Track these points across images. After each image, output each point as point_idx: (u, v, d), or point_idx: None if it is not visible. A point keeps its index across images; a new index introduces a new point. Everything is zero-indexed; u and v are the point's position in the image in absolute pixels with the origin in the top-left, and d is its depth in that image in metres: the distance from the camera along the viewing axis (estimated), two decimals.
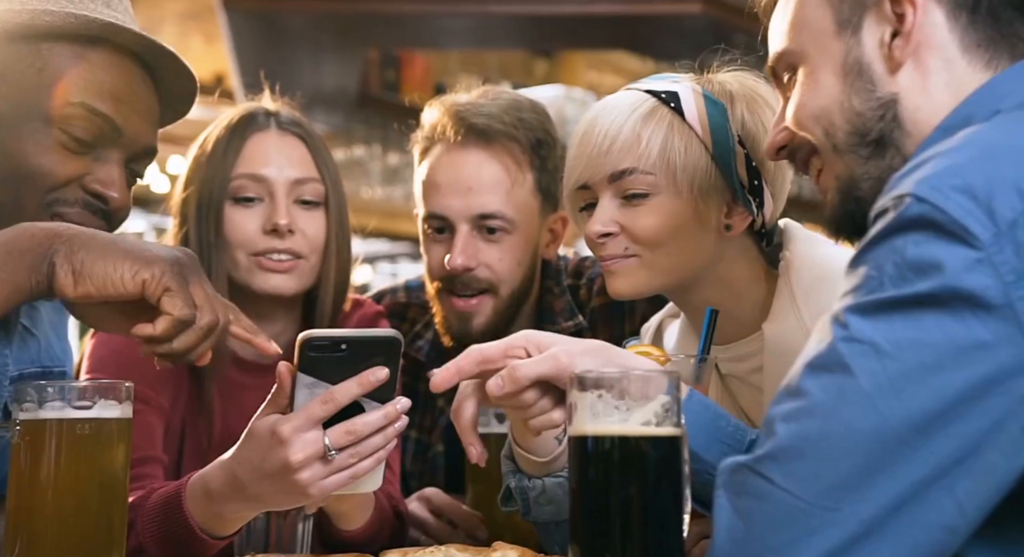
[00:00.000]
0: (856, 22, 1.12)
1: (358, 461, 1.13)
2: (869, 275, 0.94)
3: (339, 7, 4.24)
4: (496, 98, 1.84)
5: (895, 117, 1.10)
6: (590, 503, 1.03)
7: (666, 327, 1.63)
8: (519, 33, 4.80)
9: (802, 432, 0.93)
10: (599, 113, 1.50)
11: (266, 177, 1.66)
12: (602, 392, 1.03)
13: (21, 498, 1.08)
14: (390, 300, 2.01)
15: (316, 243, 1.68)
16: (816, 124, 1.15)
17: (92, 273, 1.07)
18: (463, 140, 1.79)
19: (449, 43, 5.04)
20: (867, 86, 1.11)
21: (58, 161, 1.30)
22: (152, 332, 1.10)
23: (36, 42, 1.31)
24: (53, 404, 1.08)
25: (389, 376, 1.14)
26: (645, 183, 1.46)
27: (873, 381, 0.91)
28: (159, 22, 7.66)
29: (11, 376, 1.39)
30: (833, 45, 1.13)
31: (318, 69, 4.66)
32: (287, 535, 1.40)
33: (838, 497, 0.91)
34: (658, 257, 1.46)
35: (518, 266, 1.82)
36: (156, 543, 1.27)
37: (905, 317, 0.91)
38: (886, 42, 1.10)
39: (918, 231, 0.92)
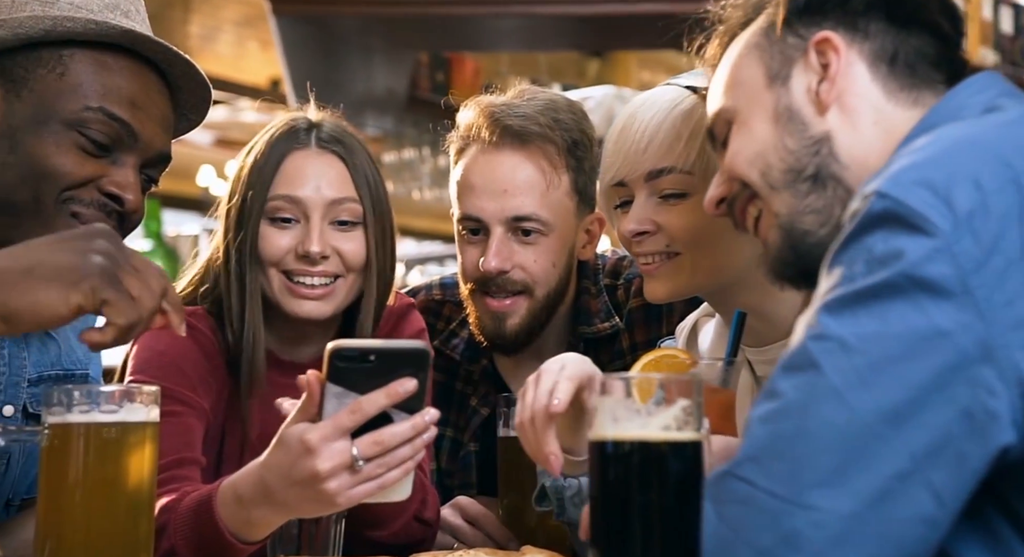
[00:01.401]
0: (785, 74, 1.19)
1: (386, 471, 1.14)
2: (842, 274, 0.96)
3: (388, 10, 4.26)
4: (532, 99, 1.83)
5: (831, 152, 1.15)
6: (610, 508, 1.02)
7: (701, 327, 1.61)
8: (568, 34, 4.78)
9: (778, 432, 0.95)
10: (637, 109, 1.49)
11: (301, 199, 1.64)
12: (622, 396, 1.02)
13: (50, 501, 1.10)
14: (425, 297, 2.01)
15: (354, 262, 1.66)
16: (752, 167, 1.19)
17: (20, 312, 1.05)
18: (498, 141, 1.79)
19: (498, 45, 5.04)
20: (799, 127, 1.17)
21: (76, 162, 1.34)
22: (102, 340, 1.08)
23: (58, 48, 1.36)
24: (81, 408, 1.09)
25: (417, 387, 1.14)
26: (683, 183, 1.44)
27: (841, 376, 0.93)
28: (215, 30, 7.78)
29: (30, 378, 1.42)
30: (764, 96, 1.19)
31: (368, 72, 4.69)
32: (319, 537, 1.41)
33: (817, 495, 0.92)
34: (699, 258, 1.45)
35: (553, 268, 1.81)
36: (187, 546, 1.29)
37: (869, 311, 0.93)
38: (813, 88, 1.17)
39: (884, 227, 0.95)
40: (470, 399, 1.92)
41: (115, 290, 1.07)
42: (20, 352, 1.41)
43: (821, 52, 1.17)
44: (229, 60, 7.82)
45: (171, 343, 1.59)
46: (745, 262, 1.45)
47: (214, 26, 7.82)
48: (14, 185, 1.32)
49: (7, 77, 1.35)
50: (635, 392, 1.02)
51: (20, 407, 1.41)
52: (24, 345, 1.42)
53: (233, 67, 7.79)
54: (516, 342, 1.83)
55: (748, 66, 1.22)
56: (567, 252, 1.83)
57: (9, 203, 1.33)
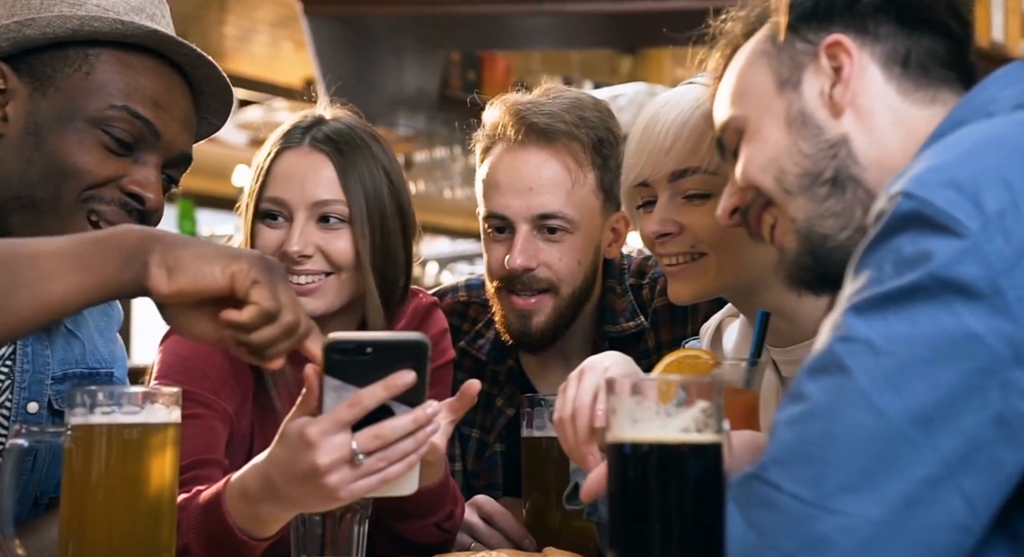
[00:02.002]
0: (796, 79, 1.17)
1: (388, 465, 1.13)
2: (870, 276, 0.95)
3: (420, 10, 4.27)
4: (557, 97, 1.83)
5: (849, 154, 1.13)
6: (628, 511, 1.01)
7: (725, 327, 1.60)
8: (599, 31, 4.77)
9: (805, 435, 0.93)
10: (660, 108, 1.47)
11: (286, 201, 1.65)
12: (640, 397, 1.01)
13: (72, 502, 1.10)
14: (451, 299, 2.01)
15: (340, 261, 1.65)
16: (765, 174, 1.17)
17: (184, 269, 1.09)
18: (523, 139, 1.79)
19: (529, 43, 5.04)
20: (813, 131, 1.15)
21: (98, 160, 1.36)
22: (238, 318, 1.11)
23: (84, 48, 1.38)
24: (103, 409, 1.10)
25: (417, 380, 1.13)
26: (707, 183, 1.43)
27: (870, 379, 0.91)
28: (250, 31, 7.84)
29: (55, 375, 1.44)
30: (775, 103, 1.18)
31: (400, 72, 4.70)
32: (342, 538, 1.41)
33: (845, 500, 0.90)
34: (723, 258, 1.43)
35: (579, 266, 1.81)
36: (200, 544, 1.29)
37: (898, 312, 0.92)
38: (826, 92, 1.15)
39: (912, 228, 0.93)
40: (496, 400, 1.92)
41: (268, 278, 1.11)
42: (43, 350, 1.43)
43: (832, 55, 1.15)
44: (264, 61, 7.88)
45: (194, 348, 1.61)
46: (769, 262, 1.43)
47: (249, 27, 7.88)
48: (37, 182, 1.34)
49: (34, 75, 1.37)
50: (654, 393, 1.02)
51: (45, 404, 1.43)
52: (48, 343, 1.44)
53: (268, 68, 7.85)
54: (542, 340, 1.82)
55: (756, 74, 1.21)
56: (593, 250, 1.83)
57: (31, 200, 1.35)
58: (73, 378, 1.48)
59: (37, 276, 1.09)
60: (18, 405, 1.41)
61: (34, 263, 1.10)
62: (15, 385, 1.41)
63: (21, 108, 1.36)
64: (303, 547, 1.39)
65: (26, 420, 1.41)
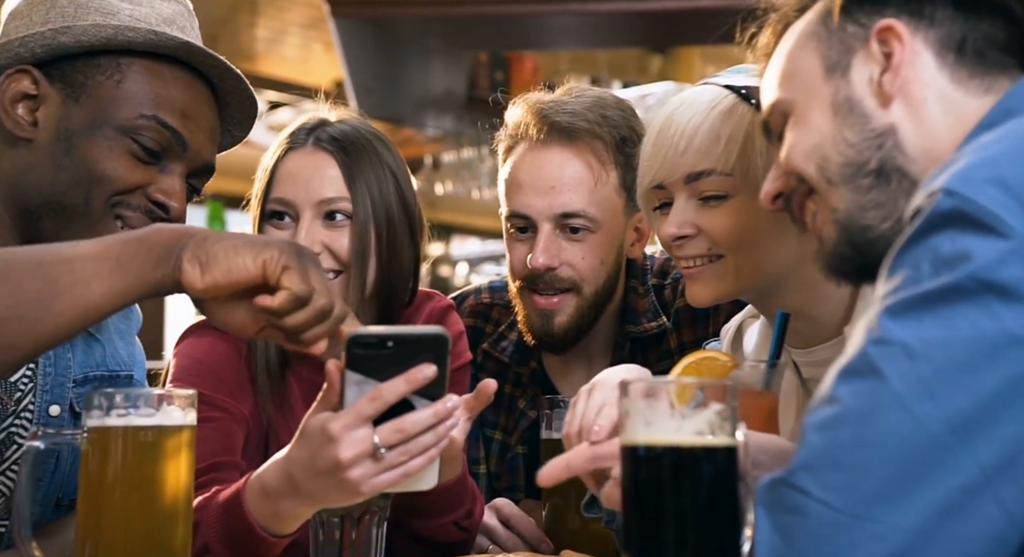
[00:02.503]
0: (845, 64, 1.13)
1: (409, 459, 1.13)
2: (906, 276, 0.92)
3: (447, 10, 4.27)
4: (579, 96, 1.82)
5: (896, 145, 1.09)
6: (642, 513, 1.00)
7: (746, 329, 1.58)
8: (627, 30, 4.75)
9: (836, 440, 0.90)
10: (675, 110, 1.46)
11: (292, 201, 1.65)
12: (654, 400, 1.00)
13: (89, 504, 1.11)
14: (473, 301, 2.01)
15: (347, 258, 1.65)
16: (808, 161, 1.14)
17: (217, 262, 1.11)
18: (546, 138, 1.78)
19: (557, 43, 5.03)
20: (859, 120, 1.11)
21: (126, 168, 1.38)
22: (270, 303, 1.12)
23: (117, 57, 1.40)
24: (119, 411, 1.10)
25: (437, 373, 1.12)
26: (723, 185, 1.41)
27: (905, 384, 0.88)
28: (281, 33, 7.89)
29: (76, 378, 1.45)
30: (823, 88, 1.14)
31: (427, 73, 4.71)
32: (360, 540, 1.41)
33: (878, 508, 0.87)
34: (742, 259, 1.42)
35: (601, 265, 1.80)
36: (220, 542, 1.30)
37: (935, 314, 0.88)
38: (875, 79, 1.11)
39: (951, 226, 0.90)
40: (518, 402, 1.92)
41: (299, 263, 1.13)
42: (65, 353, 1.45)
43: (883, 41, 1.11)
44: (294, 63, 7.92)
45: (208, 350, 1.61)
46: (788, 263, 1.42)
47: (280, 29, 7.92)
48: (67, 187, 1.36)
49: (66, 82, 1.39)
50: (668, 396, 1.01)
51: (67, 406, 1.45)
52: (69, 346, 1.46)
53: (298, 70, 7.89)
54: (564, 340, 1.82)
55: (805, 56, 1.16)
56: (615, 250, 1.82)
57: (61, 205, 1.37)
58: (94, 381, 1.49)
59: (75, 281, 1.11)
60: (40, 408, 1.42)
61: (70, 268, 1.11)
62: (37, 388, 1.42)
63: (52, 114, 1.38)
64: (321, 549, 1.39)
65: (48, 423, 1.42)
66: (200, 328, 1.66)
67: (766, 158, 1.38)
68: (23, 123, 1.37)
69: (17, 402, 1.41)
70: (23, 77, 1.38)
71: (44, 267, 1.11)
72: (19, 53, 1.37)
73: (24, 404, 1.42)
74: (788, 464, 0.95)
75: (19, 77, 1.38)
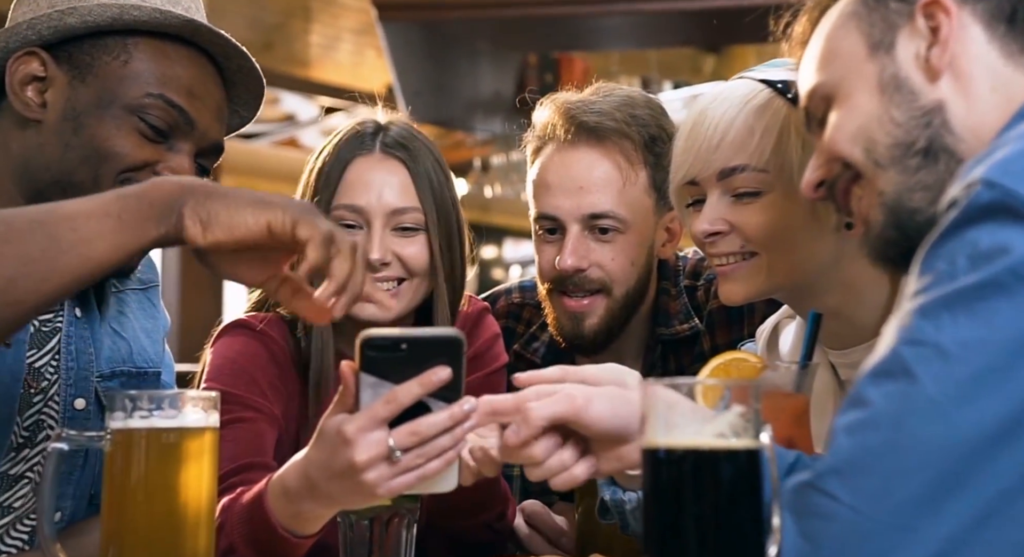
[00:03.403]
0: (889, 41, 1.09)
1: (425, 462, 1.11)
2: (941, 271, 0.88)
3: (495, 12, 4.27)
4: (608, 95, 1.80)
5: (943, 123, 1.05)
6: (662, 520, 0.98)
7: (782, 330, 1.55)
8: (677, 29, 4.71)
9: (866, 445, 0.88)
10: (709, 104, 1.43)
11: (363, 208, 1.65)
12: (674, 402, 0.98)
13: (112, 506, 1.11)
14: (505, 301, 2.00)
15: (416, 267, 1.66)
16: (854, 144, 1.10)
17: (218, 221, 1.12)
18: (573, 139, 1.76)
19: (607, 44, 5.00)
20: (907, 98, 1.07)
21: (134, 146, 1.39)
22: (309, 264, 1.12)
23: (123, 37, 1.41)
24: (141, 413, 1.10)
25: (452, 376, 1.11)
26: (757, 181, 1.38)
27: (939, 387, 0.85)
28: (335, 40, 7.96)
29: (103, 373, 1.47)
30: (867, 67, 1.10)
31: (475, 76, 4.71)
32: (390, 542, 1.41)
33: (912, 514, 0.84)
34: (776, 257, 1.39)
35: (631, 266, 1.77)
36: (244, 543, 1.30)
37: (971, 313, 0.85)
38: (922, 54, 1.07)
39: (991, 219, 0.86)
40: None
41: (307, 217, 1.13)
42: (87, 348, 1.47)
43: (929, 15, 1.07)
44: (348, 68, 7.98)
45: (242, 350, 1.62)
46: (825, 262, 1.38)
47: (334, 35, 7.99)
48: (75, 166, 1.37)
49: (73, 63, 1.40)
50: (689, 398, 0.98)
51: (92, 400, 1.46)
52: (91, 341, 1.47)
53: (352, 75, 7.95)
54: (595, 343, 1.79)
55: (846, 37, 1.13)
56: (646, 250, 1.80)
57: (70, 183, 1.38)
58: (122, 376, 1.51)
59: (78, 239, 1.11)
60: (66, 402, 1.44)
61: (73, 226, 1.12)
62: (61, 381, 1.44)
63: (60, 95, 1.39)
64: (350, 552, 1.39)
65: (74, 416, 1.44)
66: (234, 328, 1.67)
67: (801, 154, 1.35)
68: (32, 105, 1.39)
69: (44, 391, 1.43)
70: (31, 59, 1.39)
71: (46, 227, 1.12)
72: (27, 35, 1.39)
73: (51, 393, 1.44)
74: (816, 467, 0.92)
75: (27, 60, 1.39)
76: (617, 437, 1.10)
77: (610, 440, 1.10)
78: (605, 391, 1.11)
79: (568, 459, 1.11)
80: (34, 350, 1.43)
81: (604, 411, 1.08)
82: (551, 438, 1.11)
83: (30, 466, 1.42)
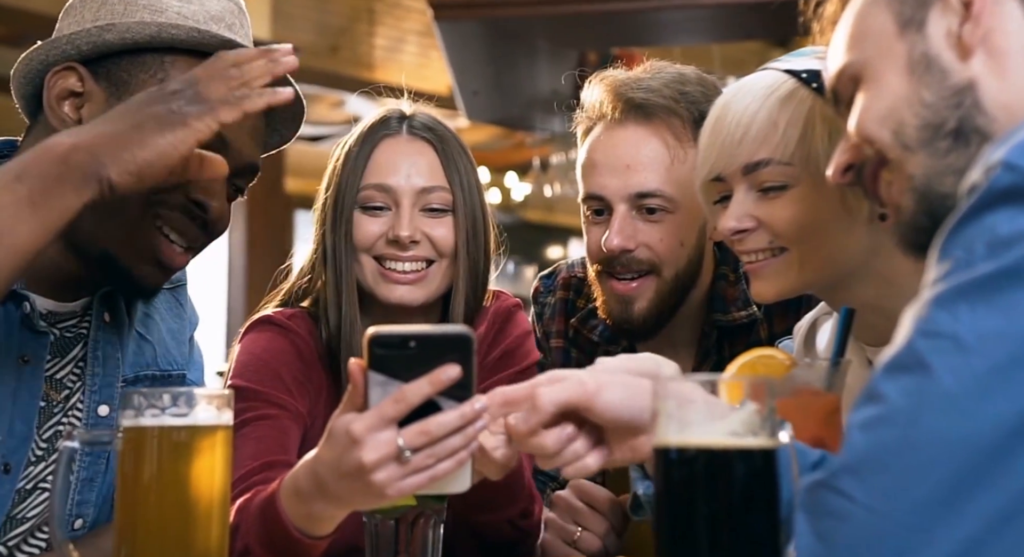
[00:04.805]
0: (920, 18, 1.04)
1: (436, 462, 1.09)
2: (958, 258, 0.83)
3: (551, 9, 4.23)
4: (659, 72, 1.77)
5: (975, 102, 1.00)
6: (675, 521, 0.94)
7: (820, 326, 1.49)
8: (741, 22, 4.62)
9: (882, 441, 0.83)
10: (732, 97, 1.39)
11: (392, 187, 1.65)
12: (686, 400, 0.94)
13: (125, 504, 1.11)
14: (567, 273, 1.96)
15: (445, 248, 1.66)
16: (882, 127, 1.05)
17: (150, 165, 1.16)
18: (621, 117, 1.73)
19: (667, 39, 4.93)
20: (937, 77, 1.02)
21: None
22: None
23: (161, 54, 1.40)
24: (152, 411, 1.10)
25: (463, 374, 1.08)
26: (783, 174, 1.34)
27: (957, 380, 0.80)
28: (399, 42, 8.01)
29: (127, 378, 1.46)
30: (896, 46, 1.05)
31: (533, 74, 4.68)
32: (416, 543, 1.39)
33: (929, 514, 0.80)
34: (806, 252, 1.34)
35: (681, 247, 1.73)
36: (259, 544, 1.28)
37: (990, 303, 0.80)
38: (954, 31, 1.02)
39: (1010, 203, 0.81)
40: None
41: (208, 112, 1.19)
42: (114, 353, 1.46)
43: None
44: (412, 69, 8.02)
45: (267, 346, 1.61)
46: (858, 255, 1.33)
47: (398, 38, 8.04)
48: None
49: (111, 80, 1.39)
50: (701, 395, 0.95)
51: (116, 406, 1.45)
52: (119, 346, 1.47)
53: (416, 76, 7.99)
54: (644, 327, 1.75)
55: (876, 15, 1.09)
56: (696, 231, 1.75)
57: (100, 203, 1.36)
58: (146, 380, 1.51)
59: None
60: (89, 408, 1.44)
61: None
62: (86, 388, 1.44)
63: (96, 111, 1.38)
64: (376, 552, 1.37)
65: (97, 423, 1.44)
66: (261, 324, 1.67)
67: (827, 144, 1.30)
68: (68, 120, 1.38)
69: (65, 399, 1.43)
70: (70, 74, 1.39)
71: None
72: (66, 50, 1.38)
73: (73, 402, 1.44)
74: (830, 465, 0.88)
75: (66, 74, 1.39)
76: (630, 427, 1.07)
77: (624, 430, 1.08)
78: (618, 379, 1.08)
79: (581, 448, 1.09)
80: (56, 359, 1.43)
81: (616, 399, 1.06)
82: (564, 427, 1.08)
83: (44, 476, 1.42)
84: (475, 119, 5.02)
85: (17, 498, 1.39)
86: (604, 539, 1.50)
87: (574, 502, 1.58)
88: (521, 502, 1.50)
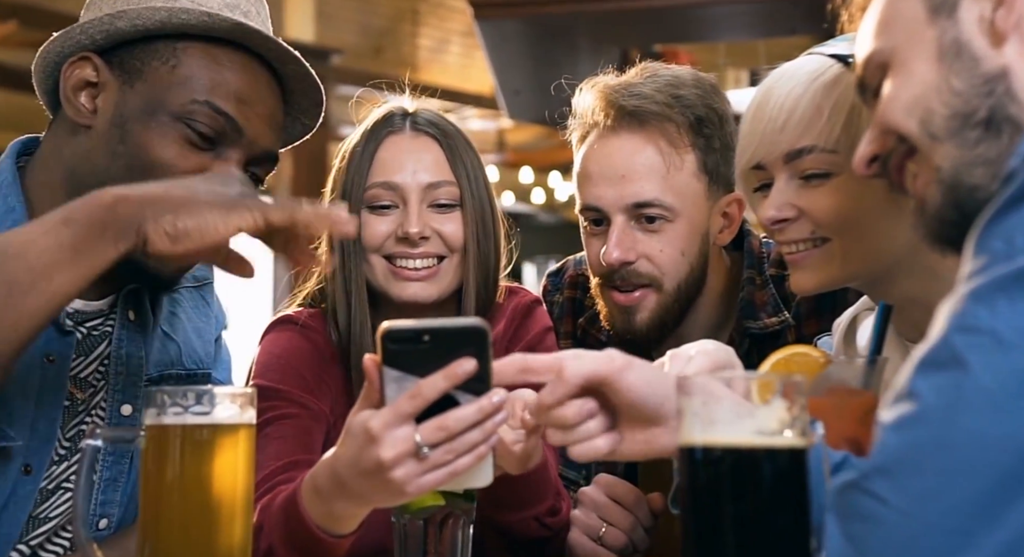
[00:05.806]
0: (952, 3, 1.01)
1: (455, 458, 1.07)
2: (996, 251, 0.81)
3: (593, 6, 4.19)
4: (653, 76, 1.73)
5: (1007, 91, 0.96)
6: (701, 522, 0.92)
7: (860, 322, 1.45)
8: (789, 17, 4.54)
9: (915, 442, 0.81)
10: (775, 83, 1.36)
11: (399, 184, 1.64)
12: (712, 397, 0.91)
13: (148, 503, 1.10)
14: (574, 271, 1.94)
15: (455, 243, 1.65)
16: (909, 116, 1.02)
17: (188, 233, 1.14)
18: (614, 124, 1.69)
19: (712, 35, 4.87)
20: (968, 64, 0.98)
21: (180, 155, 1.36)
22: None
23: (173, 41, 1.38)
24: (175, 409, 1.09)
25: (479, 367, 1.06)
26: (826, 162, 1.30)
27: (996, 378, 0.78)
28: (443, 43, 8.03)
29: (151, 377, 1.46)
30: (926, 33, 1.02)
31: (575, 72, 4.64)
32: (446, 544, 1.37)
33: (965, 517, 0.77)
34: (849, 243, 1.30)
35: (682, 257, 1.69)
36: (283, 544, 1.28)
37: None
38: (987, 17, 0.98)
39: None
40: None
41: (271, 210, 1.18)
42: (138, 352, 1.46)
43: None
44: (456, 70, 8.04)
45: (288, 346, 1.61)
46: (903, 246, 1.29)
47: (442, 38, 8.06)
48: (121, 174, 1.34)
49: (124, 68, 1.38)
50: (728, 393, 0.92)
51: (138, 406, 1.45)
52: (143, 345, 1.46)
53: (460, 77, 8.00)
54: (647, 338, 1.72)
55: (906, 0, 1.06)
56: (699, 239, 1.71)
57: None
58: (171, 379, 1.50)
59: (36, 277, 1.12)
60: (113, 407, 1.43)
61: (28, 265, 1.13)
62: (109, 387, 1.43)
63: (110, 100, 1.37)
64: (405, 553, 1.36)
65: (120, 422, 1.43)
66: (281, 324, 1.67)
67: None
68: (84, 111, 1.38)
69: (90, 398, 1.43)
70: (85, 64, 1.38)
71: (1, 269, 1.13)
72: (80, 40, 1.38)
73: (96, 401, 1.43)
74: (860, 466, 0.85)
75: (81, 64, 1.38)
76: (649, 414, 1.05)
77: (641, 418, 1.05)
78: (647, 363, 1.07)
79: (594, 429, 1.07)
80: (80, 358, 1.42)
81: (640, 380, 1.04)
82: (586, 401, 1.06)
83: (67, 476, 1.42)
84: (517, 118, 5.00)
85: (40, 498, 1.38)
86: (630, 534, 1.47)
87: (599, 497, 1.55)
88: (548, 499, 1.47)
